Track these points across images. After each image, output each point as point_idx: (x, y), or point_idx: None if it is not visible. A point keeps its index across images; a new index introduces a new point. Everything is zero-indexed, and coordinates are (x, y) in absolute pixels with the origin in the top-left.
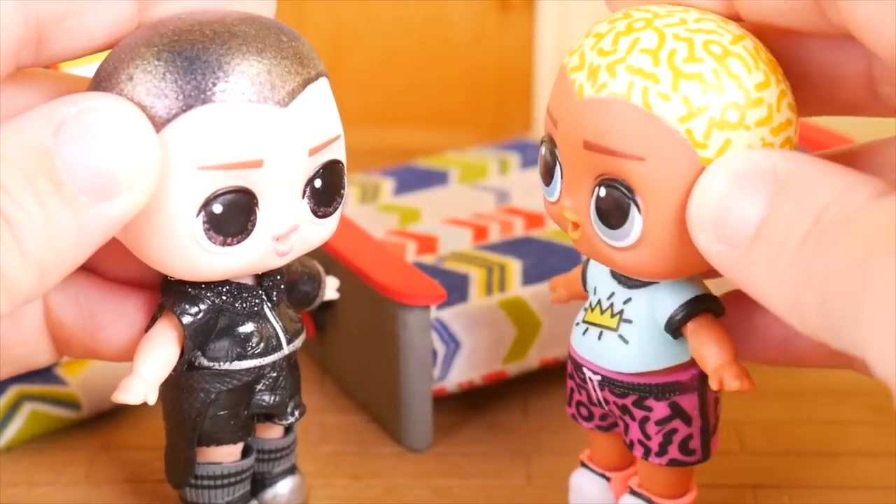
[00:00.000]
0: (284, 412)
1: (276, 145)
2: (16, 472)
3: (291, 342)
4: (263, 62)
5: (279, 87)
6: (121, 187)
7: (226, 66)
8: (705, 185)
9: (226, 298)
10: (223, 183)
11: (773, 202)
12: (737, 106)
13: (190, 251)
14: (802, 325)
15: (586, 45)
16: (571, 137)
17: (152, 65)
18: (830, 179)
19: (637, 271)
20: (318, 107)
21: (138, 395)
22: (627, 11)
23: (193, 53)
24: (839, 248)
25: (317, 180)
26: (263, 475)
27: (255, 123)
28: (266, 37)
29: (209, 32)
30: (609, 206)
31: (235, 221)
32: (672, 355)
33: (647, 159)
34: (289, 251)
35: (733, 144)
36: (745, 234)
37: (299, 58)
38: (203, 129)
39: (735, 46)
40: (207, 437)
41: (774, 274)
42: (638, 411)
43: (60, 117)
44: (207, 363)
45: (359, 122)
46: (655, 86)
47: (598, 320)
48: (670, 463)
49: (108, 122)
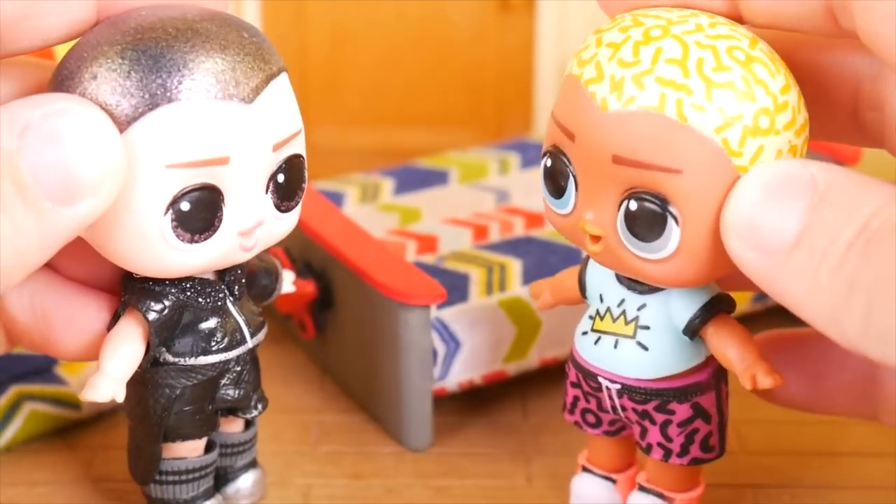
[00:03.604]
0: (248, 405)
1: (242, 142)
2: (16, 472)
3: (255, 335)
4: (227, 59)
5: (243, 83)
6: (85, 191)
7: (190, 64)
8: (741, 193)
9: (189, 294)
10: (190, 180)
11: (814, 211)
12: (767, 112)
13: (157, 249)
14: (842, 335)
15: (602, 56)
16: (596, 152)
17: (116, 63)
18: (873, 189)
19: (668, 281)
20: (281, 102)
21: (106, 393)
22: (636, 18)
23: (158, 51)
24: (890, 255)
25: (279, 175)
26: (226, 469)
27: (221, 121)
28: (228, 33)
29: (172, 30)
30: (643, 220)
31: (203, 218)
32: (691, 357)
33: (684, 171)
34: (253, 246)
35: (765, 150)
36: (783, 242)
37: (261, 54)
38: (169, 127)
39: (755, 51)
40: (172, 433)
41: (815, 283)
42: (660, 415)
43: (25, 120)
44: (172, 359)
45: (359, 122)
46: (689, 97)
47: (611, 328)
48: (692, 462)
49: (73, 126)
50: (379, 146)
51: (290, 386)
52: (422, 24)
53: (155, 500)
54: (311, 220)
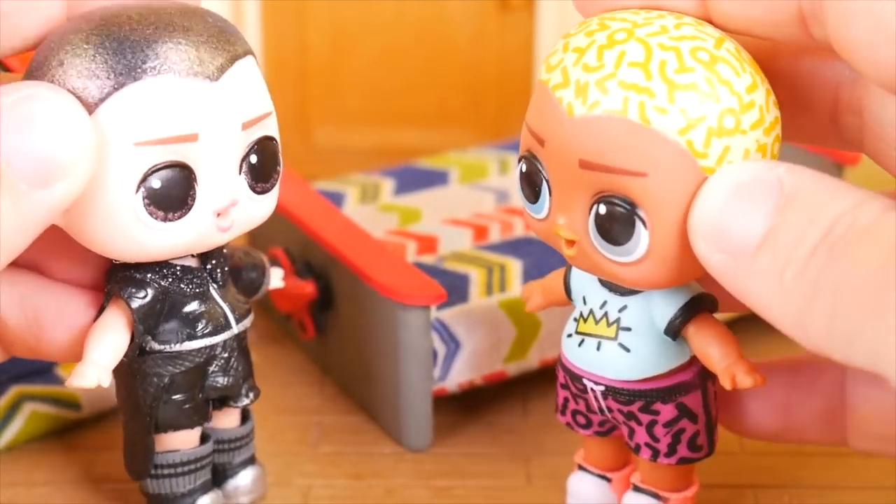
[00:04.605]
0: (239, 394)
1: (210, 119)
2: (16, 472)
3: (240, 321)
4: (191, 39)
5: (208, 62)
6: (59, 173)
7: (154, 45)
8: (707, 195)
9: (171, 280)
10: (160, 158)
11: (779, 214)
12: (732, 112)
13: (132, 229)
14: (806, 337)
15: (568, 61)
16: (564, 156)
17: (81, 48)
18: (839, 193)
19: (642, 283)
20: (248, 83)
21: (91, 379)
22: (602, 21)
23: (122, 34)
24: (854, 259)
25: (252, 156)
26: (224, 466)
27: (188, 97)
28: (191, 17)
29: (136, 16)
30: (612, 223)
31: (175, 196)
32: (673, 357)
33: (650, 174)
34: (230, 226)
35: (732, 150)
36: (748, 244)
37: (225, 35)
38: (136, 105)
39: (720, 51)
40: (164, 424)
41: (779, 285)
42: (645, 416)
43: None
44: (158, 346)
45: (359, 122)
46: (651, 100)
47: (593, 330)
48: (679, 462)
49: (43, 110)
50: (379, 146)
51: (289, 386)
52: (422, 24)
53: (153, 497)
54: (311, 220)
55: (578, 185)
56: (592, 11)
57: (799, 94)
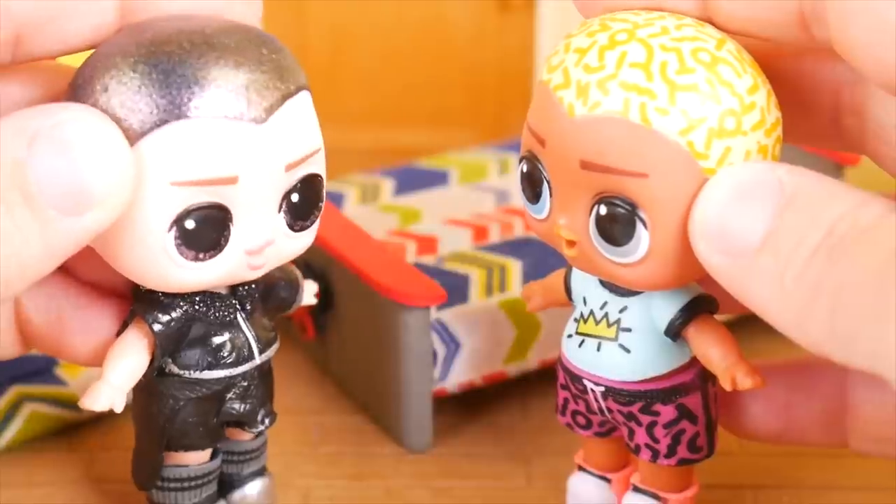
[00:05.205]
0: (255, 420)
1: (252, 162)
2: (16, 472)
3: (264, 352)
4: (241, 77)
5: (256, 102)
6: (92, 203)
7: (202, 81)
8: (708, 196)
9: (199, 307)
10: (196, 198)
11: (780, 215)
12: (733, 113)
13: (161, 264)
14: (806, 338)
15: (569, 62)
16: (565, 157)
17: (128, 76)
18: (840, 194)
19: (642, 284)
20: (297, 122)
21: (105, 402)
22: (604, 22)
23: (170, 66)
24: (855, 260)
25: (294, 194)
26: (232, 476)
27: (230, 140)
28: (245, 49)
29: (187, 44)
30: (613, 224)
31: (208, 237)
32: (674, 358)
33: (651, 175)
34: (262, 265)
35: (733, 151)
36: (749, 245)
37: (279, 72)
38: (177, 144)
39: (721, 52)
40: (176, 443)
41: (780, 286)
42: (645, 417)
43: (34, 129)
44: (178, 371)
45: (359, 122)
46: (652, 101)
47: (593, 331)
48: (679, 462)
49: (82, 137)
50: (379, 146)
51: (290, 387)
52: (422, 25)
53: None
54: None
55: (579, 186)
56: (593, 12)
57: (800, 96)
